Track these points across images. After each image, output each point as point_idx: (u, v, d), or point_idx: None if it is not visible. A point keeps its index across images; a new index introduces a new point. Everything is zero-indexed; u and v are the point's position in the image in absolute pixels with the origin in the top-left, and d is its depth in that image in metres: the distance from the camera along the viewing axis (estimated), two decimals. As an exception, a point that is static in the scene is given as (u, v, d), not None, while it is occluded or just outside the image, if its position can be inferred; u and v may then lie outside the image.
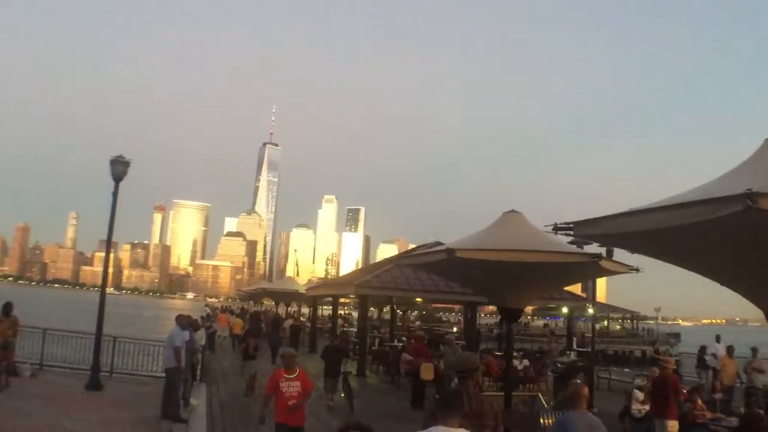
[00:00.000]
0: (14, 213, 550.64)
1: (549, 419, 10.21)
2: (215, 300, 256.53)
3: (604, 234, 6.57)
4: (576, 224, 6.60)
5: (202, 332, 20.85)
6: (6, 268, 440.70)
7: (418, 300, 36.86)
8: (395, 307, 37.67)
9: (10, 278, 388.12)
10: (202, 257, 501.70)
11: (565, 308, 44.48)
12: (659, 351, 24.99)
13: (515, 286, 11.02)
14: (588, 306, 38.21)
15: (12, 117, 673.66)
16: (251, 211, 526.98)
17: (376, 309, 49.85)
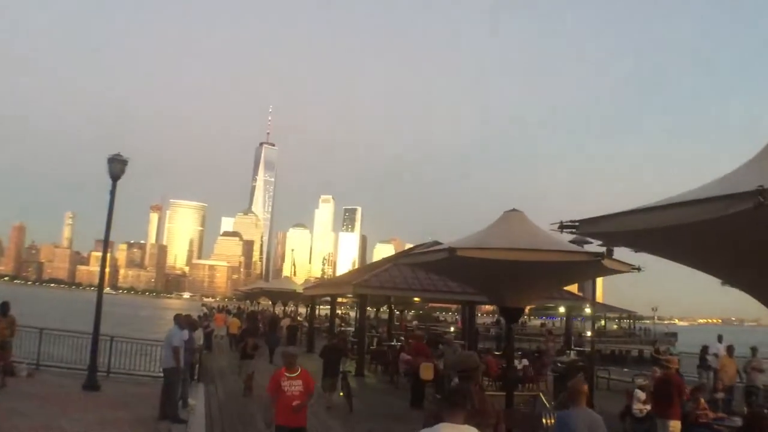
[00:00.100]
0: (10, 212, 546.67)
1: (551, 419, 10.15)
2: (212, 300, 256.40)
3: (611, 232, 6.45)
4: (582, 222, 6.49)
5: (199, 332, 20.72)
6: (2, 267, 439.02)
7: (416, 300, 36.83)
8: (393, 307, 37.57)
9: (6, 278, 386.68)
10: (199, 257, 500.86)
11: (562, 308, 44.51)
12: (659, 350, 24.98)
13: (516, 285, 10.94)
14: (585, 306, 38.32)
15: (9, 117, 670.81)
16: (248, 210, 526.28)
17: (373, 309, 49.91)
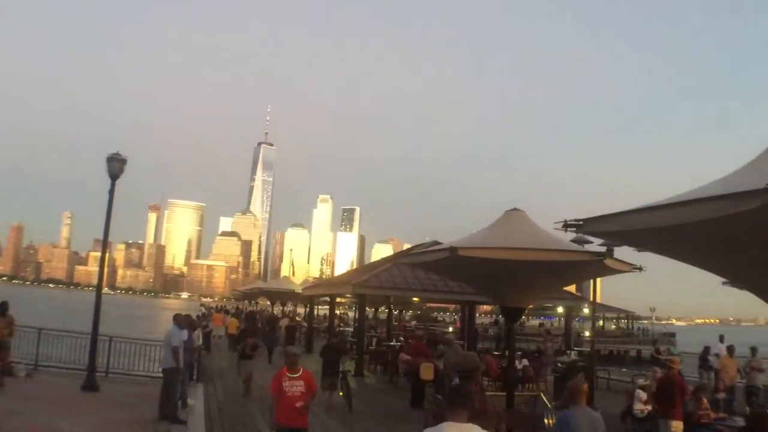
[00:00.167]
0: (8, 212, 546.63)
1: (552, 419, 10.11)
2: (210, 300, 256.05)
3: (615, 231, 6.41)
4: (586, 221, 6.44)
5: (198, 332, 20.66)
6: (0, 267, 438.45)
7: (415, 300, 36.80)
8: (392, 307, 37.54)
9: (4, 278, 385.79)
10: (197, 257, 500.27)
11: (560, 308, 44.44)
12: (660, 351, 24.91)
13: (518, 284, 10.90)
14: (583, 306, 38.29)
15: (7, 117, 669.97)
16: (246, 210, 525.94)
17: (371, 309, 49.84)
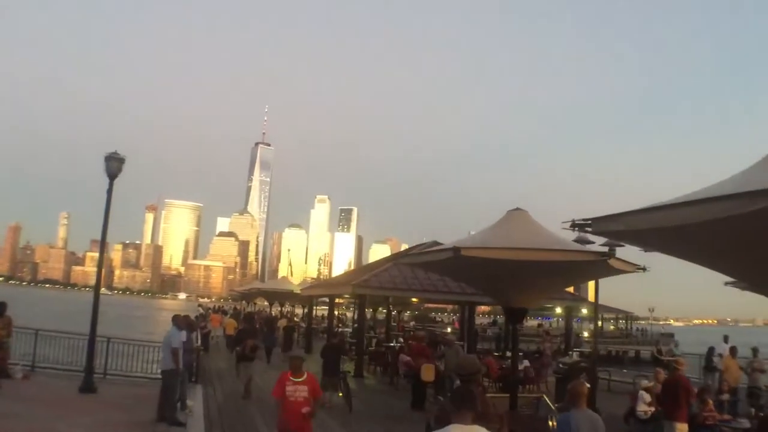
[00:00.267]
0: (5, 213, 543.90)
1: (555, 422, 9.99)
2: (207, 300, 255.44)
3: (624, 230, 6.31)
4: (594, 221, 6.35)
5: (197, 332, 20.54)
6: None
7: (414, 300, 36.69)
8: (391, 308, 37.43)
9: (1, 278, 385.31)
10: (194, 257, 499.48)
11: (559, 308, 44.29)
12: (662, 351, 24.78)
13: (521, 285, 10.80)
14: (581, 306, 38.14)
15: (6, 117, 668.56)
16: (243, 211, 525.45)
17: (370, 309, 49.71)
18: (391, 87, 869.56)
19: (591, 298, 36.68)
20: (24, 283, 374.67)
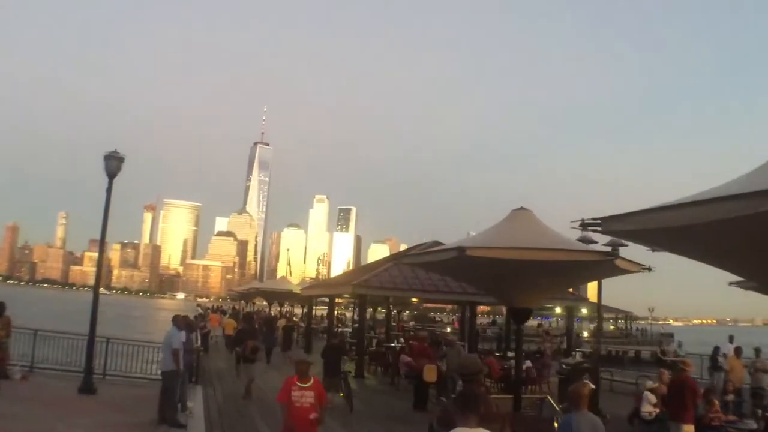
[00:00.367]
0: (3, 212, 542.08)
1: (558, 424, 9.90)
2: (206, 300, 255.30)
3: (634, 230, 6.22)
4: (604, 220, 6.26)
5: (196, 332, 20.40)
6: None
7: (414, 300, 36.59)
8: (391, 308, 37.32)
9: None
10: (193, 257, 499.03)
11: (558, 308, 44.13)
12: (665, 352, 24.65)
13: (526, 285, 10.71)
14: (581, 306, 38.00)
15: (6, 117, 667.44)
16: (242, 210, 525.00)
17: (370, 309, 49.62)
18: (390, 87, 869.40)
19: (590, 297, 36.74)
20: (22, 283, 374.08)
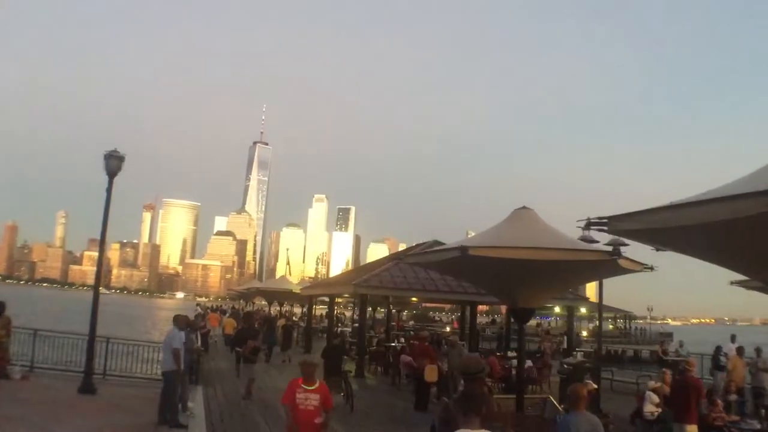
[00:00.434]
0: (3, 212, 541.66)
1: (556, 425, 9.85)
2: (205, 299, 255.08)
3: (640, 229, 6.16)
4: (611, 219, 6.20)
5: (197, 332, 20.33)
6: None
7: (414, 299, 36.53)
8: (391, 307, 37.24)
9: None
10: (192, 256, 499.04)
11: (558, 307, 44.00)
12: (667, 351, 24.58)
13: (529, 285, 10.63)
14: (580, 305, 37.90)
15: (3, 117, 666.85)
16: (241, 210, 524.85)
17: (369, 308, 49.55)
18: (390, 87, 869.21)
19: (589, 297, 36.68)
20: (21, 283, 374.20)
